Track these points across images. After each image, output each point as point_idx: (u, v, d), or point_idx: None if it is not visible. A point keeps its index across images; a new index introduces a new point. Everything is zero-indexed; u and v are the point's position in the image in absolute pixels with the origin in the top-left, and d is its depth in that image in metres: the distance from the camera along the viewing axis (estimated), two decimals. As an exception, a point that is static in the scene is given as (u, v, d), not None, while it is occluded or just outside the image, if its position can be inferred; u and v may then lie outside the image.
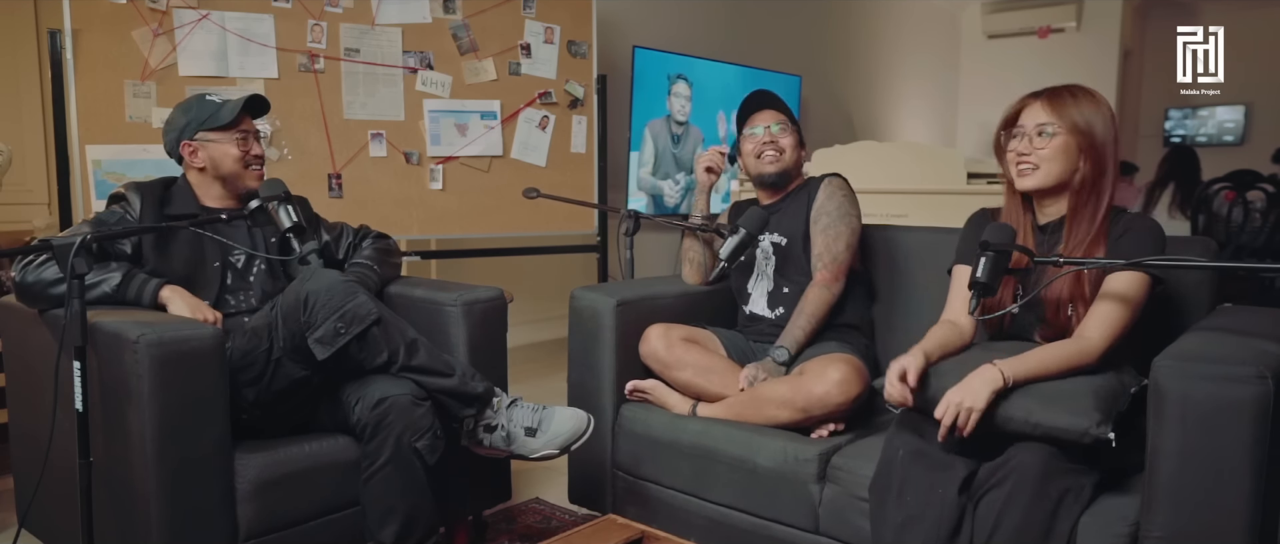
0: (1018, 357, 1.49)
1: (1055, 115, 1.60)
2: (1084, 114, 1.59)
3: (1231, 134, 7.70)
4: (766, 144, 2.15)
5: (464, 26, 3.22)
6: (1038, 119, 1.62)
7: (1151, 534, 1.33)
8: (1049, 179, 1.62)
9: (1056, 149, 1.60)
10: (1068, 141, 1.59)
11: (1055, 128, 1.60)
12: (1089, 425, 1.39)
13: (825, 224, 2.08)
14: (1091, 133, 1.58)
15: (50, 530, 1.89)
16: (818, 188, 2.12)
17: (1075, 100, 1.61)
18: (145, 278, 1.78)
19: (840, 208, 2.08)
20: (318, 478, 1.73)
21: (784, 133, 2.16)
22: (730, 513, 1.87)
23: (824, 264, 2.06)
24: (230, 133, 1.90)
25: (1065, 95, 1.62)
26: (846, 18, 6.32)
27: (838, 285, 2.07)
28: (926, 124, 7.39)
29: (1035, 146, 1.62)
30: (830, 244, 2.06)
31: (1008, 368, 1.46)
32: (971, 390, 1.44)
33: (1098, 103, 1.61)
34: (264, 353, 1.70)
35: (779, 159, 2.14)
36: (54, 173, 3.19)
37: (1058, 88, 1.64)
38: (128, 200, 1.86)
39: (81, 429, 1.50)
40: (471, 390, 1.78)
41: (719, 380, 2.00)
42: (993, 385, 1.44)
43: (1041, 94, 1.64)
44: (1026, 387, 1.46)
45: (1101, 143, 1.59)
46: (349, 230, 2.17)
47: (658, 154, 4.34)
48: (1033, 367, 1.47)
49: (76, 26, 2.63)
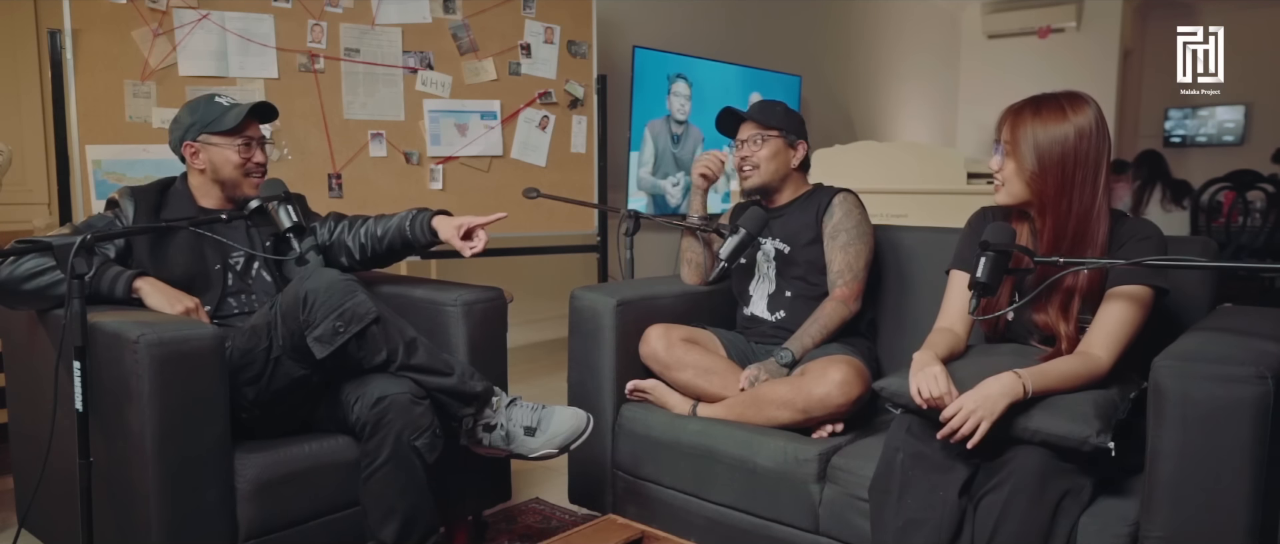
0: (1037, 368, 1.46)
1: (1008, 133, 1.57)
2: (1039, 134, 1.53)
3: (1231, 134, 7.71)
4: (743, 158, 2.16)
5: (464, 26, 3.22)
6: (1003, 135, 1.59)
7: (1151, 535, 1.33)
8: (1011, 198, 1.60)
9: (1010, 171, 1.58)
10: (1017, 162, 1.56)
11: (1008, 147, 1.58)
12: (1089, 434, 1.38)
13: (845, 241, 2.07)
14: (1039, 157, 1.53)
15: (50, 530, 1.89)
16: (829, 201, 2.11)
17: (1037, 117, 1.55)
18: (119, 270, 1.76)
19: (858, 226, 2.09)
20: (318, 478, 1.73)
21: (758, 145, 2.14)
22: (730, 513, 1.87)
23: (844, 281, 2.06)
24: (233, 138, 1.89)
25: (1028, 113, 1.56)
26: (846, 18, 6.32)
27: (856, 304, 2.06)
28: (926, 124, 7.39)
29: (997, 166, 1.61)
30: (851, 262, 2.06)
31: (1030, 380, 1.42)
32: (988, 399, 1.41)
33: (1062, 115, 1.53)
34: (263, 352, 1.70)
35: (754, 173, 2.15)
36: (54, 173, 3.19)
37: (1026, 101, 1.58)
38: (120, 206, 1.86)
39: (81, 429, 1.50)
40: (470, 389, 1.78)
41: (719, 381, 2.00)
42: (1012, 396, 1.41)
43: (1013, 108, 1.60)
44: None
45: (1056, 164, 1.53)
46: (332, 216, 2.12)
47: (658, 154, 4.34)
48: (1052, 381, 1.44)
49: (76, 26, 2.63)
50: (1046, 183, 1.54)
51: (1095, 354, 1.49)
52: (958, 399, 1.43)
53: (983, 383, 1.43)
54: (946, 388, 1.45)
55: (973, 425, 1.40)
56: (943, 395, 1.44)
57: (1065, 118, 1.53)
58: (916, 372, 1.49)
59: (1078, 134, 1.52)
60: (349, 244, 2.06)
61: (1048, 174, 1.54)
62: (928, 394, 1.45)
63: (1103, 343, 1.49)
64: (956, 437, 1.42)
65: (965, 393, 1.43)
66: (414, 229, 2.01)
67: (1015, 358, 1.54)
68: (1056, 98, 1.57)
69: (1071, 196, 1.54)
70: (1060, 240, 1.56)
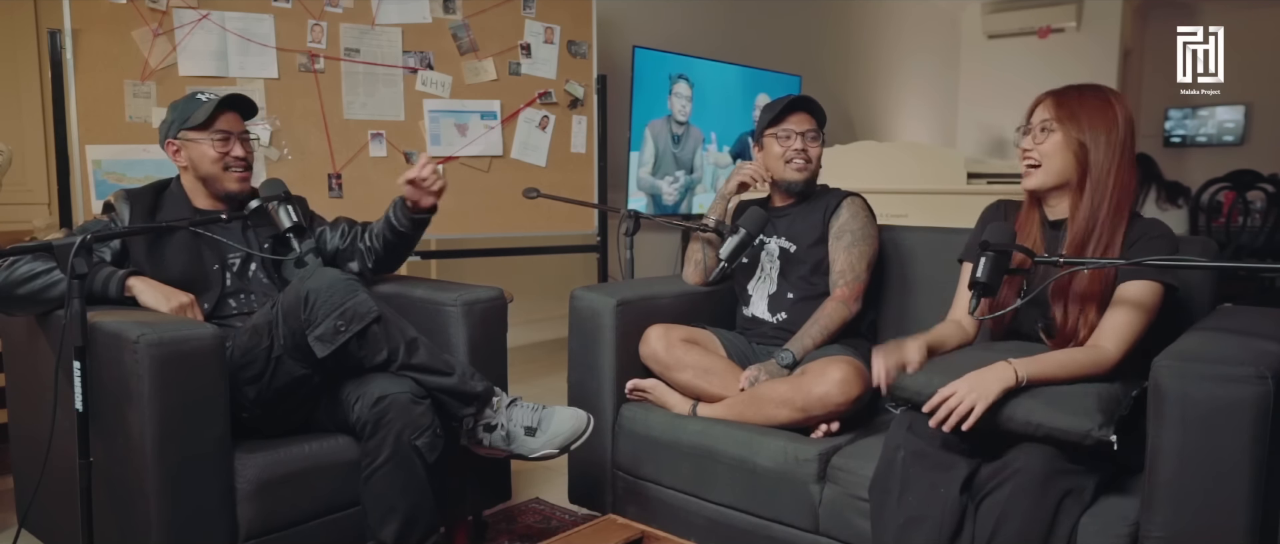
0: (1034, 357, 1.47)
1: (1056, 111, 1.61)
2: (1087, 112, 1.58)
3: (1231, 134, 7.70)
4: (798, 151, 2.12)
5: (464, 26, 3.22)
6: (1042, 115, 1.63)
7: (1151, 534, 1.33)
8: (1049, 178, 1.62)
9: (1055, 145, 1.60)
10: (1064, 138, 1.59)
11: (1054, 124, 1.60)
12: (1091, 428, 1.38)
13: (849, 242, 2.07)
14: (1092, 131, 1.57)
15: (50, 530, 1.89)
16: (837, 203, 2.11)
17: (1081, 98, 1.60)
18: (112, 270, 1.76)
19: (864, 228, 2.09)
20: (318, 478, 1.73)
21: (816, 142, 2.14)
22: (730, 513, 1.87)
23: (846, 282, 2.06)
24: (206, 132, 1.88)
25: (1073, 94, 1.61)
26: (846, 18, 6.32)
27: (856, 305, 2.06)
28: (926, 124, 7.39)
29: (1037, 143, 1.62)
30: (853, 262, 2.06)
31: (1022, 367, 1.44)
32: (982, 383, 1.43)
33: (1107, 102, 1.59)
34: (264, 351, 1.70)
35: (807, 167, 2.13)
36: (54, 173, 3.20)
37: (1070, 86, 1.64)
38: (116, 209, 1.86)
39: (81, 429, 1.50)
40: (471, 389, 1.78)
41: (719, 381, 2.00)
42: (1004, 382, 1.43)
43: (1054, 91, 1.64)
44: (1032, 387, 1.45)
45: (1104, 142, 1.57)
46: (342, 221, 2.13)
47: (658, 154, 4.34)
48: (1048, 369, 1.46)
49: (76, 26, 2.63)
50: (1099, 153, 1.57)
51: (1104, 345, 1.50)
52: (950, 385, 1.44)
53: (976, 371, 1.45)
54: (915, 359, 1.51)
55: (965, 409, 1.42)
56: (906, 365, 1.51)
57: (1110, 102, 1.59)
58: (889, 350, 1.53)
59: (1124, 117, 1.58)
60: (361, 249, 2.08)
61: (1099, 145, 1.57)
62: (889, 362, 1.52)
63: (1112, 336, 1.51)
64: (949, 422, 1.43)
65: (957, 380, 1.45)
66: (393, 213, 2.03)
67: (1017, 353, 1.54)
68: (1095, 86, 1.63)
69: (1119, 172, 1.57)
70: (1094, 221, 1.57)
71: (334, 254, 2.08)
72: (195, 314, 1.78)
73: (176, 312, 1.73)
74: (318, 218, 2.15)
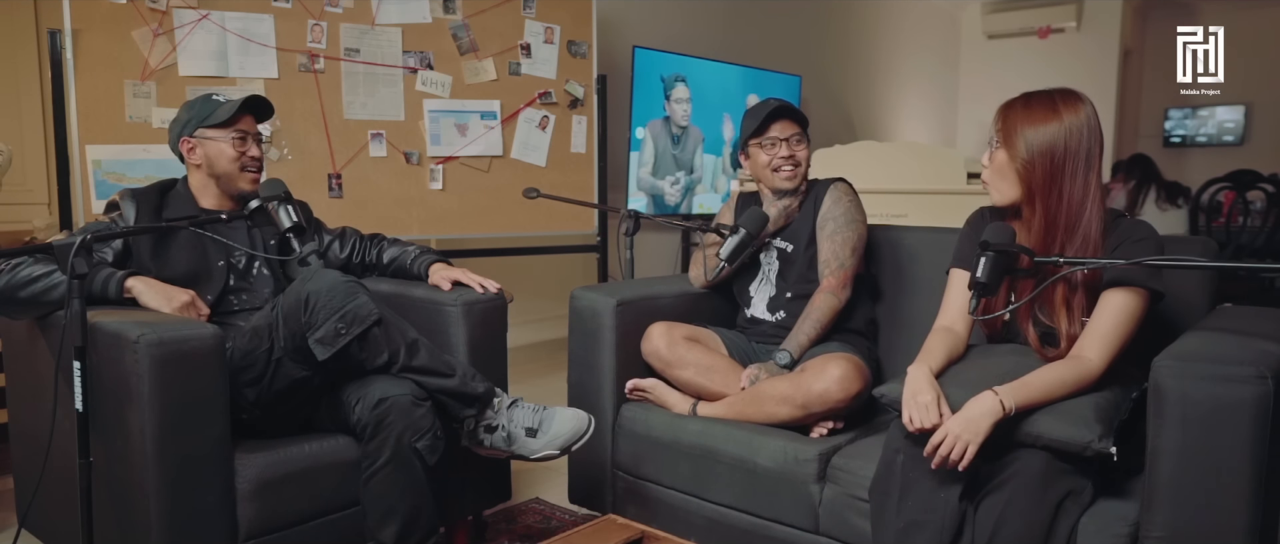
0: (1020, 382, 1.45)
1: (1002, 125, 1.57)
2: (1031, 125, 1.53)
3: (1231, 134, 7.70)
4: (784, 158, 2.11)
5: (464, 26, 3.22)
6: (993, 130, 1.59)
7: (1151, 535, 1.33)
8: (999, 198, 1.60)
9: (1000, 165, 1.58)
10: (1009, 156, 1.56)
11: (1000, 139, 1.58)
12: (1091, 439, 1.38)
13: (831, 230, 2.07)
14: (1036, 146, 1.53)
15: (50, 530, 1.89)
16: (824, 193, 2.11)
17: (1027, 110, 1.55)
18: (111, 271, 1.76)
19: (847, 213, 2.08)
20: (318, 478, 1.73)
21: (801, 145, 2.13)
22: (730, 513, 1.87)
23: (831, 271, 2.06)
24: (227, 131, 1.90)
25: (1018, 107, 1.57)
26: (846, 18, 6.32)
27: (845, 292, 2.06)
28: (926, 124, 7.39)
29: (987, 162, 1.61)
30: (837, 250, 2.06)
31: (1008, 396, 1.41)
32: (972, 423, 1.40)
33: (1053, 110, 1.53)
34: (265, 353, 1.70)
35: (795, 173, 2.12)
36: (54, 173, 3.19)
37: (1021, 96, 1.58)
38: (120, 208, 1.86)
39: (81, 429, 1.50)
40: (472, 391, 1.78)
41: (721, 379, 2.00)
42: (994, 416, 1.40)
43: (1006, 103, 1.59)
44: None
45: (1047, 156, 1.52)
46: (351, 233, 2.16)
47: (657, 154, 4.34)
48: (1034, 394, 1.43)
49: (76, 26, 2.63)
50: (1035, 173, 1.54)
51: (1087, 356, 1.48)
52: (943, 426, 1.42)
53: (965, 406, 1.42)
54: (938, 418, 1.44)
55: (960, 451, 1.40)
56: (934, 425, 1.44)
57: (1055, 111, 1.54)
58: (909, 399, 1.47)
59: (1067, 127, 1.52)
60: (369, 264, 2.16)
61: (1036, 164, 1.53)
62: (917, 425, 1.45)
63: (1095, 345, 1.49)
64: (948, 464, 1.41)
65: (950, 418, 1.42)
66: (414, 266, 2.13)
67: (1015, 358, 1.54)
68: (1048, 93, 1.57)
69: (1061, 187, 1.53)
70: (1052, 232, 1.55)
71: (341, 266, 2.10)
72: (198, 309, 1.78)
73: (179, 310, 1.73)
74: (322, 225, 2.16)
